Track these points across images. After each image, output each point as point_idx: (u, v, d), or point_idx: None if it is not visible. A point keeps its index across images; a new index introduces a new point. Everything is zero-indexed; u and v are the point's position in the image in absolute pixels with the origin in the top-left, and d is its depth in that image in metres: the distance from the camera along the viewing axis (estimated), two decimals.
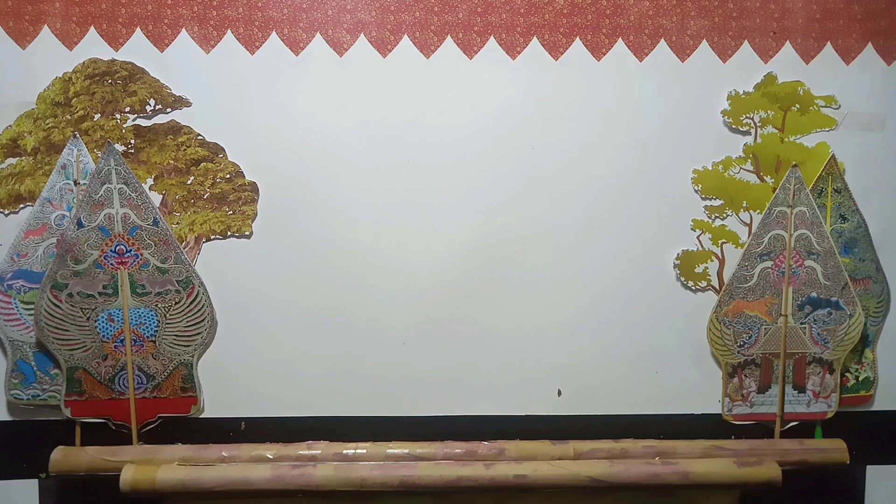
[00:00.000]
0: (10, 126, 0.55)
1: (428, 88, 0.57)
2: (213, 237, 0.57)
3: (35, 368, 0.57)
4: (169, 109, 0.56)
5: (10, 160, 0.55)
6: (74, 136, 0.55)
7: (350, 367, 0.59)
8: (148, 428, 0.58)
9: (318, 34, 0.56)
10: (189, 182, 0.57)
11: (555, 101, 0.58)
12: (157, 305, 0.56)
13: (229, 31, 0.56)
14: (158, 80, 0.56)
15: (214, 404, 0.58)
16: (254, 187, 0.57)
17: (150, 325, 0.57)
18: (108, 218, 0.55)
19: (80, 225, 0.55)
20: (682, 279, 0.60)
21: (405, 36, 0.57)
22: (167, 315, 0.57)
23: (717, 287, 0.60)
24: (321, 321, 0.58)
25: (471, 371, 0.60)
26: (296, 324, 0.58)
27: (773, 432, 0.61)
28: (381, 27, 0.56)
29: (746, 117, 0.59)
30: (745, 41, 0.58)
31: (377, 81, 0.57)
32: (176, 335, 0.57)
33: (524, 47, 0.57)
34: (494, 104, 0.58)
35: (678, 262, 0.59)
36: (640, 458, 0.58)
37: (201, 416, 0.58)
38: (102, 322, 0.56)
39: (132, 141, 0.56)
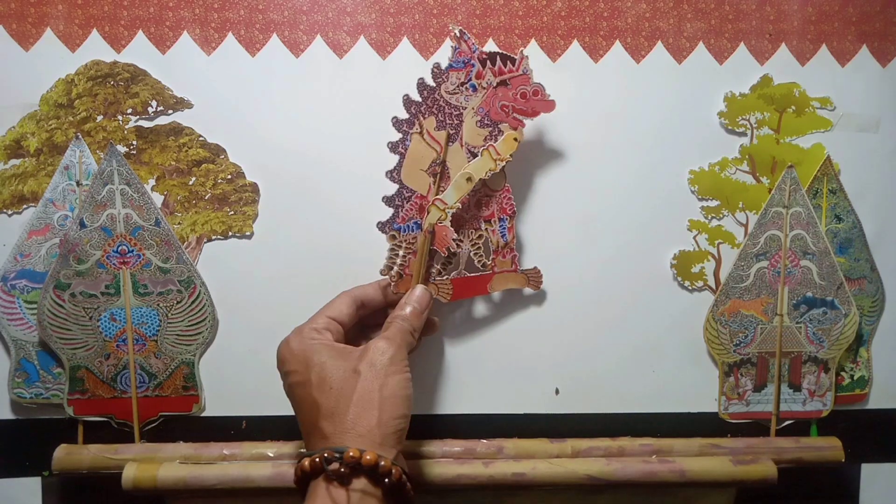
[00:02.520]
0: (14, 127, 0.56)
1: None
2: (214, 237, 0.58)
3: (38, 367, 0.57)
4: (170, 111, 0.56)
5: (14, 161, 0.56)
6: (77, 138, 0.56)
7: None
8: (150, 426, 0.58)
9: (319, 36, 0.57)
10: (191, 183, 0.57)
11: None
12: (158, 305, 0.57)
13: (230, 33, 0.56)
14: (160, 81, 0.56)
15: (216, 403, 0.59)
16: (255, 188, 0.57)
17: (151, 324, 0.57)
18: (110, 218, 0.56)
19: (82, 225, 0.55)
20: (679, 279, 0.60)
21: (405, 38, 0.57)
22: (169, 314, 0.57)
23: (714, 287, 0.60)
24: None
25: (470, 370, 0.60)
26: (296, 323, 0.58)
27: (769, 430, 0.61)
28: (381, 29, 0.57)
29: (742, 119, 0.59)
30: (742, 43, 0.59)
31: (377, 83, 0.57)
32: (178, 334, 0.58)
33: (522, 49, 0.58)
34: None
35: (675, 262, 0.60)
36: (637, 456, 0.58)
37: (203, 415, 0.59)
38: (105, 321, 0.57)
39: (134, 142, 0.56)
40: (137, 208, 0.56)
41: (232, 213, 0.57)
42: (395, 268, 0.54)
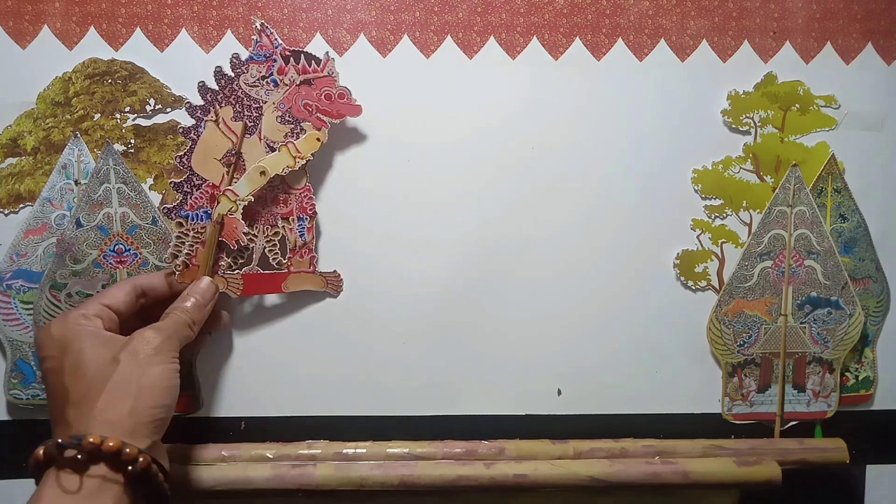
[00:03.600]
0: (10, 126, 0.55)
1: (428, 88, 0.57)
2: None
3: (35, 368, 0.57)
4: (169, 109, 0.56)
5: (10, 160, 0.55)
6: (75, 136, 0.55)
7: (350, 366, 0.59)
8: None
9: (318, 34, 0.56)
10: None
11: (554, 100, 0.58)
12: None
13: (229, 30, 0.56)
14: (158, 79, 0.56)
15: (214, 404, 0.58)
16: None
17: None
18: (106, 217, 0.55)
19: (78, 224, 0.55)
20: (682, 279, 0.60)
21: (405, 36, 0.57)
22: None
23: (717, 287, 0.60)
24: (321, 320, 0.58)
25: (471, 371, 0.60)
26: (296, 323, 0.58)
27: (773, 432, 0.61)
28: (381, 27, 0.56)
29: (746, 117, 0.59)
30: (745, 41, 0.58)
31: (377, 81, 0.57)
32: None
33: (524, 47, 0.57)
34: (494, 104, 0.58)
35: (678, 261, 0.59)
36: (639, 458, 0.58)
37: (201, 416, 0.58)
38: None
39: (132, 140, 0.56)
40: (134, 207, 0.55)
41: None
42: (181, 257, 0.53)
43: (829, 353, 0.60)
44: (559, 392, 0.60)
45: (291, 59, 0.53)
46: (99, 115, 0.56)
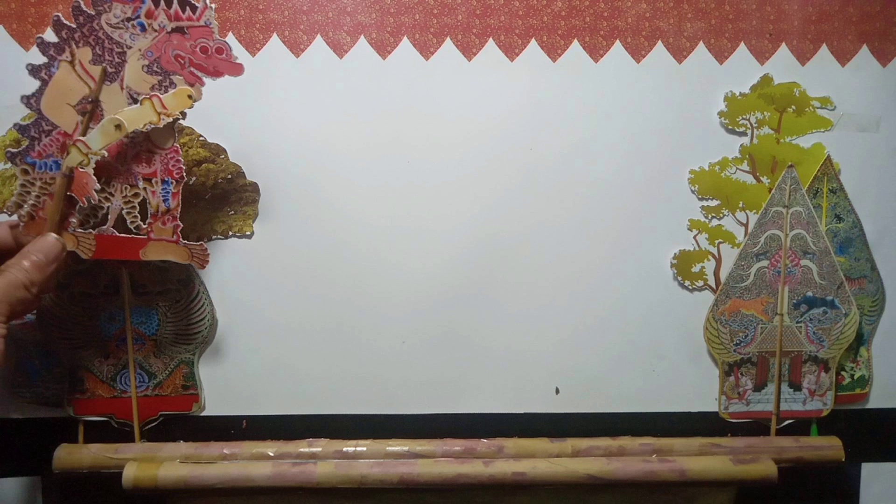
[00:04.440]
0: (13, 127, 0.55)
1: (427, 90, 0.58)
2: (214, 237, 0.58)
3: (38, 367, 0.57)
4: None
5: None
6: None
7: (350, 365, 0.59)
8: (150, 426, 0.58)
9: (319, 36, 0.57)
10: (191, 182, 0.57)
11: (553, 102, 0.58)
12: (157, 304, 0.57)
13: (230, 33, 0.56)
14: None
15: (216, 402, 0.59)
16: (255, 188, 0.57)
17: (151, 323, 0.57)
18: None
19: None
20: (679, 279, 0.60)
21: (405, 38, 0.57)
22: (168, 314, 0.57)
23: (714, 286, 0.60)
24: (321, 320, 0.59)
25: (470, 369, 0.60)
26: (296, 322, 0.59)
27: (770, 430, 0.61)
28: (381, 29, 0.57)
29: (743, 118, 0.59)
30: (742, 43, 0.59)
31: (377, 83, 0.57)
32: (177, 334, 0.58)
33: (522, 49, 0.58)
34: (493, 105, 0.58)
35: (675, 261, 0.60)
36: (637, 456, 0.58)
37: (203, 414, 0.59)
38: (104, 321, 0.57)
39: None
40: None
41: (232, 212, 0.57)
42: (26, 207, 0.48)
43: (825, 352, 0.61)
44: (557, 391, 0.61)
45: (163, 1, 0.48)
46: None
